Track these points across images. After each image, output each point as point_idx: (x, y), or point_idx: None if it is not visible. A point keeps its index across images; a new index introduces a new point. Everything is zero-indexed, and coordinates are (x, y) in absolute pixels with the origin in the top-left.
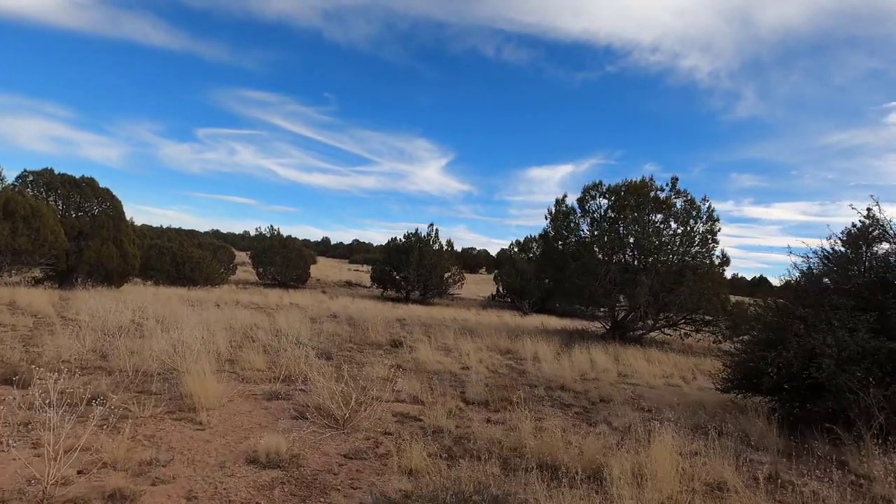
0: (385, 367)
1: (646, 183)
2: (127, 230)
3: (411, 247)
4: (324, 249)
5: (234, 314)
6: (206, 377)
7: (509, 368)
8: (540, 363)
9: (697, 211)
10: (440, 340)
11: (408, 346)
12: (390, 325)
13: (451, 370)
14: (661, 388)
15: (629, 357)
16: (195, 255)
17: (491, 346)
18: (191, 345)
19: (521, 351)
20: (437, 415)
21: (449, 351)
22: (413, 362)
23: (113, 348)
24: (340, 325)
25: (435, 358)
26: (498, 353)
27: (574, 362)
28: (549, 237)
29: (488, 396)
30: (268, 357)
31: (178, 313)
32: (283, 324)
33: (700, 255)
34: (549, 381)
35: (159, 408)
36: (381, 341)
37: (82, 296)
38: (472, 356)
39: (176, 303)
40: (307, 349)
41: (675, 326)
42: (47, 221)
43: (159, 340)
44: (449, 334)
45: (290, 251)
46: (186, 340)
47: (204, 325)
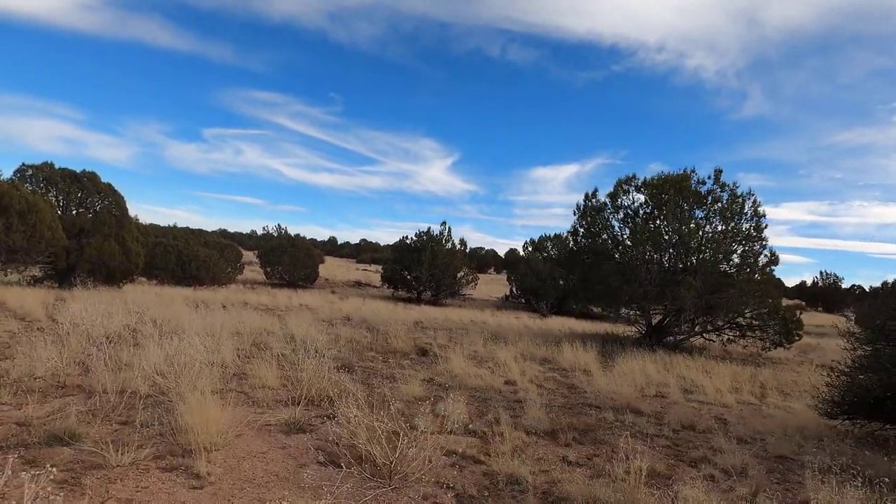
0: (418, 382)
1: (687, 175)
2: (130, 227)
3: (423, 246)
4: (331, 249)
5: (242, 317)
6: (206, 402)
7: (557, 382)
8: (589, 376)
9: (741, 206)
10: (469, 347)
11: (436, 355)
12: (410, 330)
13: (493, 386)
14: (739, 409)
15: (680, 367)
16: (201, 253)
17: (525, 354)
18: (192, 357)
19: (560, 360)
20: (502, 454)
21: (483, 361)
22: (448, 376)
23: (99, 361)
24: (357, 330)
25: (471, 370)
26: (536, 363)
27: (626, 374)
28: (579, 235)
29: (552, 423)
30: (282, 371)
31: (180, 316)
32: (295, 328)
33: (747, 253)
34: (610, 399)
35: (145, 449)
36: (405, 349)
37: (81, 296)
38: (513, 368)
39: (180, 304)
40: (325, 359)
41: (718, 331)
42: (44, 217)
43: (155, 351)
44: (475, 340)
45: (299, 250)
46: (187, 350)
47: (208, 330)
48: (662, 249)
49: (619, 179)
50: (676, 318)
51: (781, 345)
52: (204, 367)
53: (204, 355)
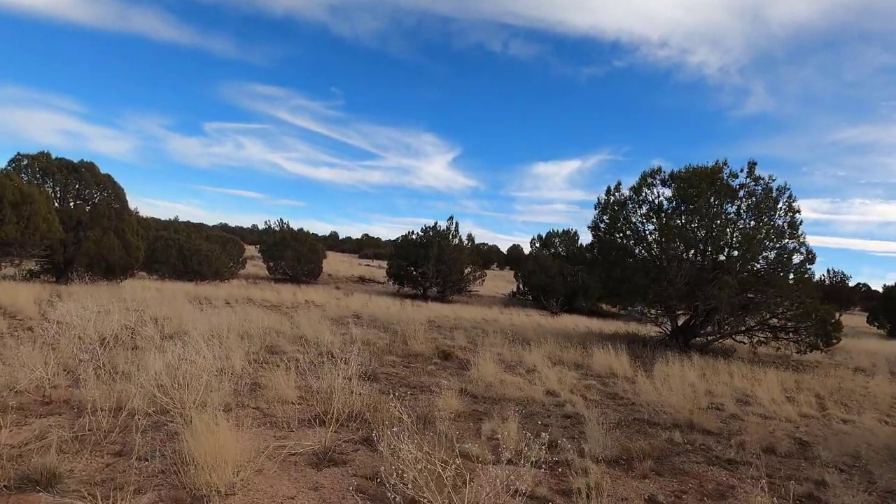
0: (452, 393)
1: (718, 168)
2: (130, 220)
3: (430, 241)
4: (332, 244)
5: (248, 315)
6: (217, 425)
7: (599, 392)
8: (632, 385)
9: (774, 201)
10: (492, 349)
11: (461, 360)
12: (426, 330)
13: (534, 397)
14: (807, 425)
15: (721, 373)
16: (203, 248)
17: (553, 358)
18: (199, 365)
19: (592, 364)
20: (577, 492)
21: (513, 366)
22: (481, 385)
23: (91, 370)
24: (370, 330)
25: (504, 377)
26: (569, 369)
27: (667, 381)
28: (600, 230)
29: (620, 448)
30: (299, 379)
31: (183, 315)
32: (306, 328)
33: (781, 251)
34: (665, 413)
35: (144, 495)
36: (426, 352)
37: (77, 292)
38: (548, 375)
39: (181, 301)
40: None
41: (749, 333)
42: (39, 208)
43: (156, 358)
44: (496, 341)
45: (302, 245)
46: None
47: (214, 331)
48: (693, 246)
49: (643, 172)
50: (706, 319)
51: (818, 348)
52: (212, 376)
53: (212, 362)
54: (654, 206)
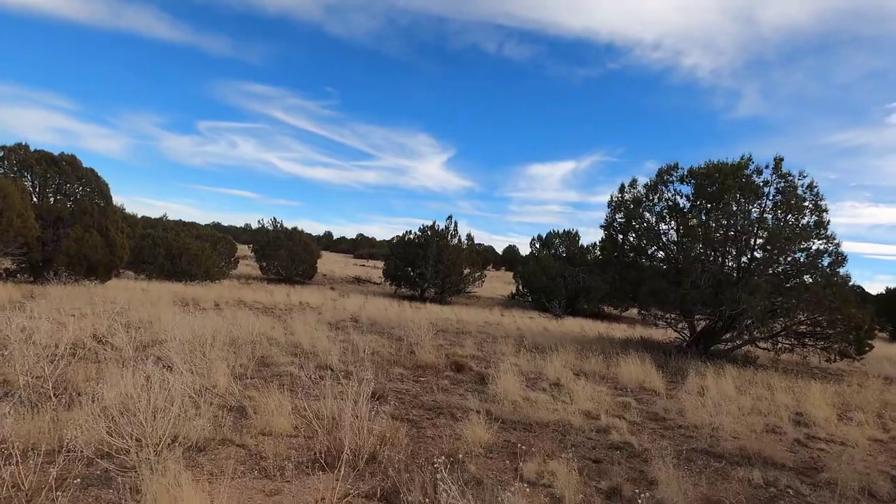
0: (477, 418)
1: (744, 164)
2: (114, 217)
3: (428, 241)
4: (327, 244)
5: (238, 319)
6: (183, 484)
7: (640, 413)
8: (671, 401)
9: (799, 199)
10: (505, 358)
11: (476, 373)
12: (432, 337)
13: (571, 422)
14: (881, 452)
15: (756, 385)
16: (192, 246)
17: (574, 368)
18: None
19: (619, 376)
20: None
21: (534, 380)
22: (506, 405)
23: (36, 394)
24: (371, 336)
25: (529, 395)
26: (596, 382)
27: (708, 398)
28: (615, 230)
29: (700, 500)
30: (296, 401)
31: (164, 319)
32: (301, 334)
33: (811, 252)
34: (724, 440)
35: None
36: (436, 363)
37: (54, 293)
38: (576, 392)
39: (166, 303)
40: (347, 381)
41: (774, 339)
42: (13, 203)
43: (119, 379)
44: (507, 348)
45: (296, 244)
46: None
47: (197, 338)
48: (717, 247)
49: (660, 168)
50: (727, 324)
51: (849, 356)
52: (190, 399)
53: (190, 381)
54: (672, 204)
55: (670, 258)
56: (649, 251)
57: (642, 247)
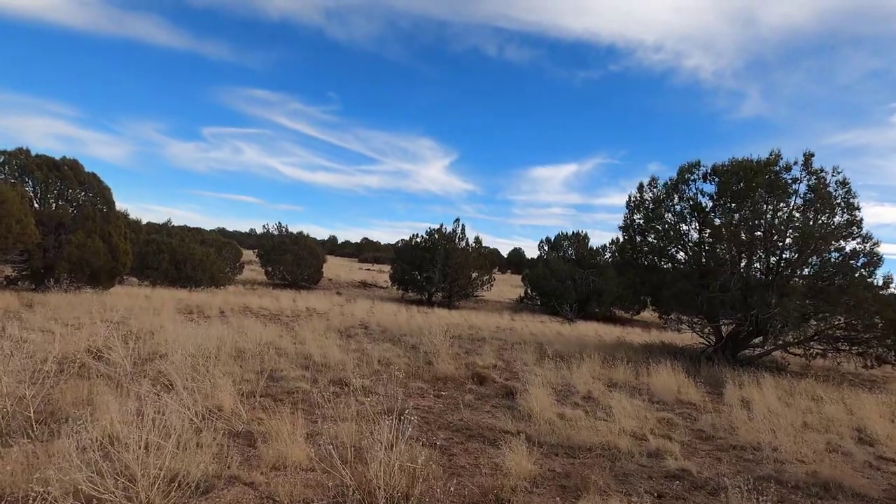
0: (514, 442)
1: (773, 160)
2: (117, 222)
3: (435, 245)
4: (331, 248)
5: (244, 327)
6: None
7: (688, 432)
8: (716, 416)
9: (831, 196)
10: (529, 369)
11: (498, 384)
12: (448, 345)
13: (616, 445)
14: None
15: (799, 395)
16: (197, 252)
17: (603, 378)
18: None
19: (651, 387)
20: None
21: (564, 393)
22: (542, 424)
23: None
24: (383, 344)
25: (562, 409)
26: (630, 395)
27: (753, 412)
28: (634, 231)
29: None
30: (309, 425)
31: (168, 329)
32: (311, 344)
33: (847, 252)
34: (787, 463)
35: None
36: (456, 375)
37: (54, 301)
38: (613, 407)
39: (170, 311)
40: (365, 398)
41: (806, 344)
42: (12, 208)
43: (111, 403)
44: (527, 357)
45: (302, 249)
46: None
47: (201, 350)
48: (745, 248)
49: (681, 166)
50: (756, 329)
51: (888, 362)
52: (191, 424)
53: (190, 402)
54: (695, 203)
55: (694, 260)
56: (670, 253)
57: (663, 248)
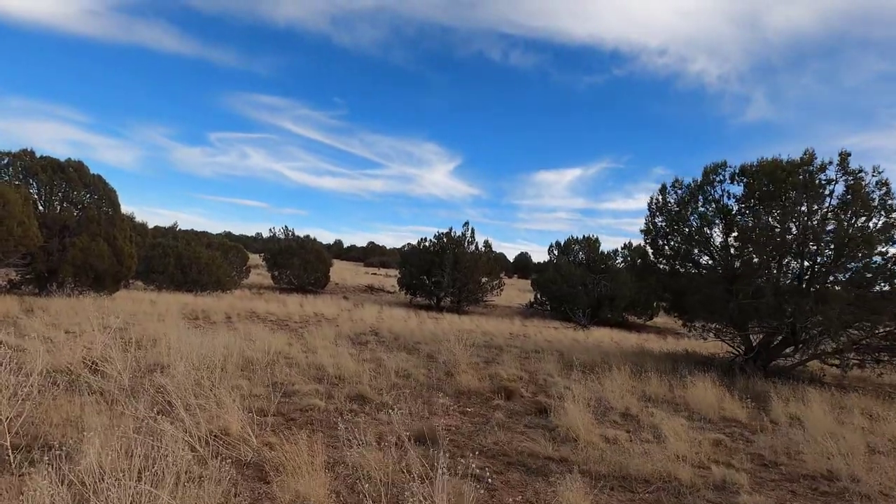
0: (560, 473)
1: (806, 160)
2: (123, 225)
3: (444, 249)
4: (337, 252)
5: (251, 334)
6: None
7: (748, 457)
8: (771, 436)
9: (868, 198)
10: (555, 381)
11: (527, 399)
12: (465, 354)
13: (676, 475)
14: None
15: (850, 412)
16: (203, 256)
17: (636, 392)
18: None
19: (690, 402)
20: None
21: (600, 410)
22: (586, 447)
23: None
24: (398, 354)
25: (604, 430)
26: (671, 412)
27: (808, 432)
28: (657, 234)
29: None
30: (328, 450)
31: (171, 336)
32: (322, 353)
33: (889, 256)
34: (878, 502)
35: None
36: (481, 388)
37: (56, 306)
38: (657, 427)
39: (175, 316)
40: (387, 416)
41: (843, 353)
42: (14, 210)
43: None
44: (550, 367)
45: (309, 253)
46: (160, 425)
47: (206, 361)
48: (778, 253)
49: (706, 167)
50: (790, 338)
51: None
52: (193, 451)
53: (192, 428)
54: (721, 206)
55: (722, 265)
56: (695, 257)
57: (688, 252)
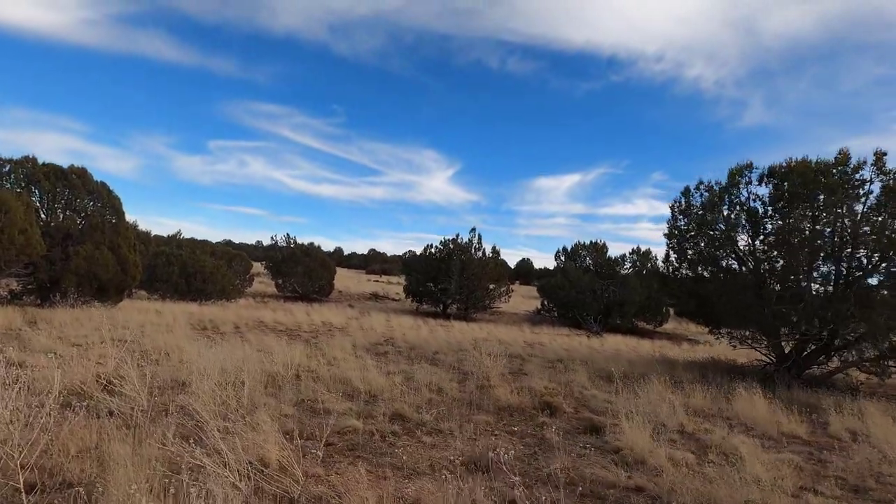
0: None
1: (841, 160)
2: (127, 234)
3: (450, 255)
4: (338, 260)
5: (266, 346)
6: None
7: (836, 482)
8: (844, 459)
9: None
10: (592, 394)
11: (572, 416)
12: (494, 364)
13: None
14: None
15: None
16: (208, 264)
17: (682, 406)
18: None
19: (741, 416)
20: None
21: (656, 428)
22: (660, 473)
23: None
24: (422, 365)
25: (667, 450)
26: (726, 428)
27: (884, 453)
28: (683, 238)
29: None
30: (377, 482)
31: (185, 349)
32: (343, 365)
33: None
34: None
35: None
36: (521, 404)
37: (60, 317)
38: (719, 446)
39: (183, 327)
40: (427, 436)
41: (883, 361)
42: (15, 218)
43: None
44: (580, 378)
45: (313, 261)
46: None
47: (228, 376)
48: (815, 256)
49: (731, 169)
50: (825, 345)
51: None
52: (229, 488)
53: (229, 457)
54: (749, 208)
55: (753, 269)
56: (722, 262)
57: (714, 257)
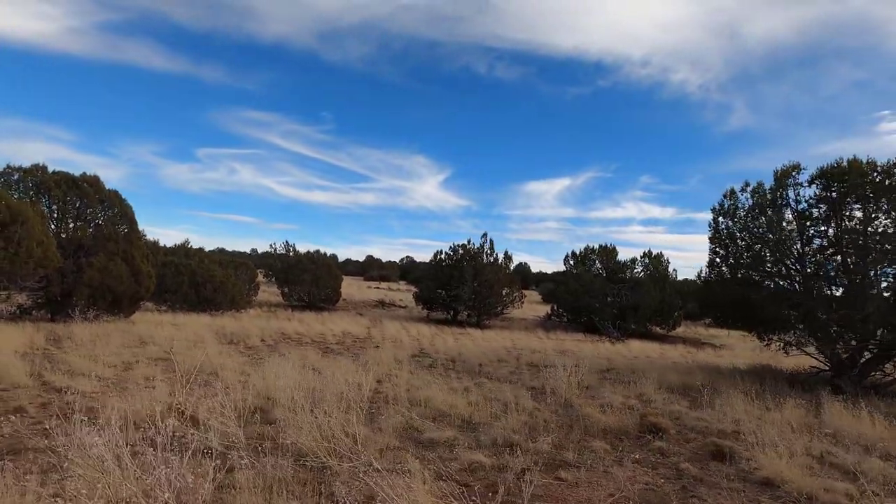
0: None
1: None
2: (139, 243)
3: (461, 261)
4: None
5: (309, 361)
6: None
7: None
8: None
9: None
10: (681, 411)
11: (672, 434)
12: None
13: None
14: None
15: None
16: (218, 274)
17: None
18: None
19: (843, 432)
20: None
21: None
22: None
23: None
24: (478, 379)
25: (817, 481)
26: (854, 453)
27: None
28: (727, 241)
29: None
30: None
31: (228, 365)
32: (403, 383)
33: None
34: None
35: None
36: (622, 424)
37: (81, 334)
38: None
39: (211, 342)
40: (560, 470)
41: None
42: (33, 230)
43: None
44: (646, 390)
45: (320, 268)
46: None
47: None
48: (876, 259)
49: (777, 171)
50: (890, 351)
51: None
52: None
53: None
54: (800, 211)
55: (812, 274)
56: (770, 267)
57: (762, 260)
